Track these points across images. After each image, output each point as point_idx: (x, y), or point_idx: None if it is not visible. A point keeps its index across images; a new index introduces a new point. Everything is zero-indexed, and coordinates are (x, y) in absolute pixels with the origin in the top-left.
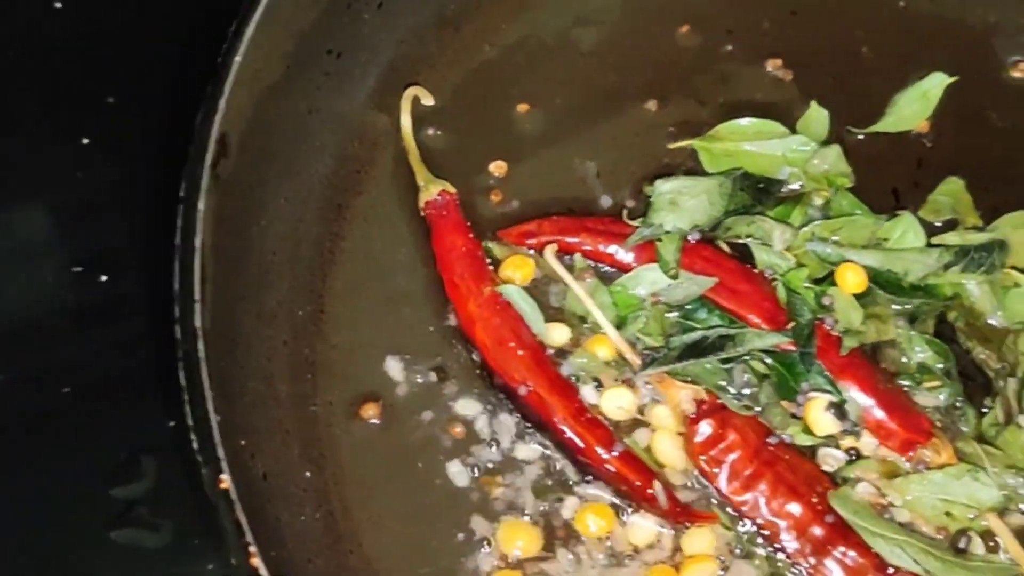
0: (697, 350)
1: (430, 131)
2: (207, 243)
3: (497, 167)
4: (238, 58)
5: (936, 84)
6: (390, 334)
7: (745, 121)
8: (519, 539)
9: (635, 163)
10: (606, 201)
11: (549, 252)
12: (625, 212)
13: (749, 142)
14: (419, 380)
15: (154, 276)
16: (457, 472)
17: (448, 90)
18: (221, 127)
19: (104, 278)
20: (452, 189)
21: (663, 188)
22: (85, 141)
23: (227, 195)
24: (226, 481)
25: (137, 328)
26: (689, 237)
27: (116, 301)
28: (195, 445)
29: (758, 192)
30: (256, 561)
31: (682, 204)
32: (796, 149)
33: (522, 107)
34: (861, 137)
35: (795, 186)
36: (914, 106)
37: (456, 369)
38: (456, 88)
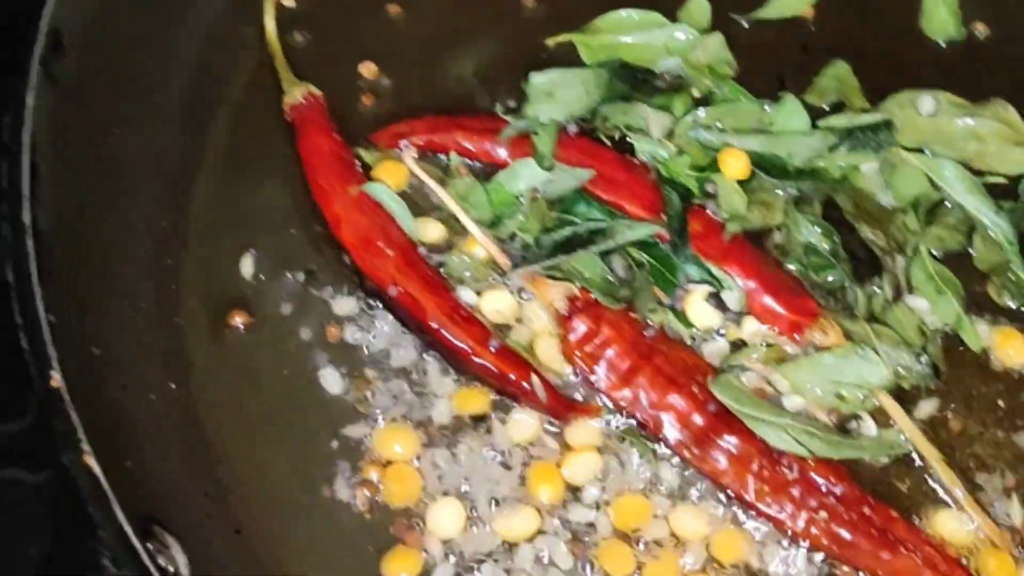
0: (568, 246)
1: (296, 34)
2: (42, 142)
3: (367, 69)
4: None
5: None
6: (258, 243)
7: (624, 12)
8: (396, 442)
9: (513, 61)
10: (484, 101)
11: (407, 155)
12: (499, 107)
13: (629, 34)
14: (288, 287)
15: None
16: (330, 378)
17: None
18: (52, 22)
19: None
20: (317, 91)
21: (538, 80)
22: None
23: (70, 100)
24: (56, 379)
25: None
26: (568, 129)
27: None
28: (24, 344)
29: (636, 82)
30: (89, 460)
31: (558, 96)
32: (677, 38)
33: (393, 8)
34: (746, 25)
35: (676, 77)
36: None
37: (327, 274)
38: None
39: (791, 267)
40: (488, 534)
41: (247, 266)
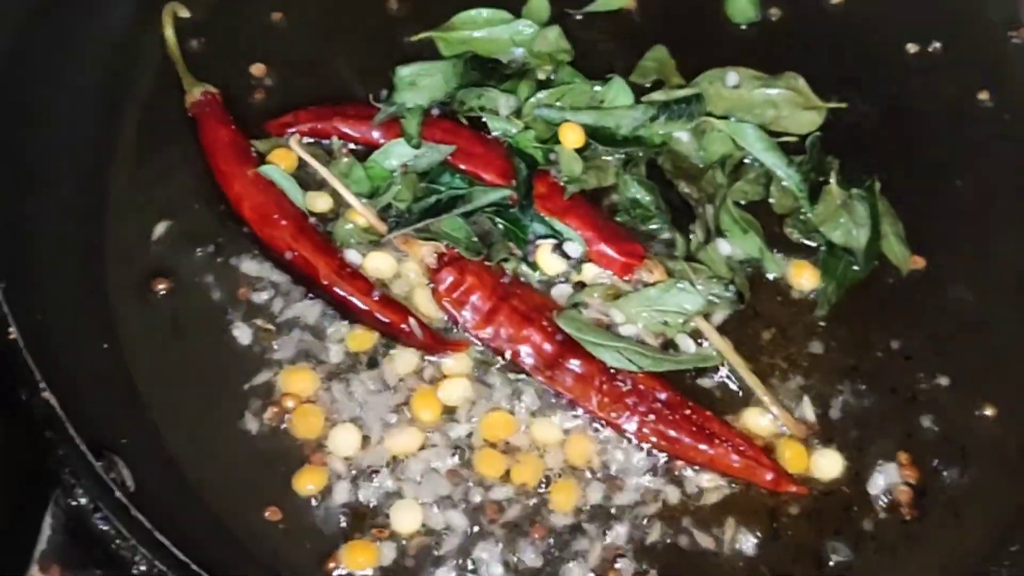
0: (435, 210)
1: (193, 42)
2: None
3: (256, 68)
4: None
5: None
6: (173, 220)
7: (475, 11)
8: (299, 381)
9: (383, 56)
10: (359, 92)
11: (293, 141)
12: (371, 96)
13: (480, 29)
14: (200, 257)
15: None
16: (240, 332)
17: (205, 4)
18: None
19: None
20: (214, 89)
21: (403, 72)
22: None
23: None
24: (14, 333)
25: None
26: (432, 112)
27: None
28: None
29: (487, 71)
30: (47, 394)
31: (420, 84)
32: (521, 31)
33: (276, 15)
34: (579, 17)
35: (519, 64)
36: None
37: (233, 245)
38: (212, 2)
39: (621, 219)
40: (381, 450)
41: (161, 239)
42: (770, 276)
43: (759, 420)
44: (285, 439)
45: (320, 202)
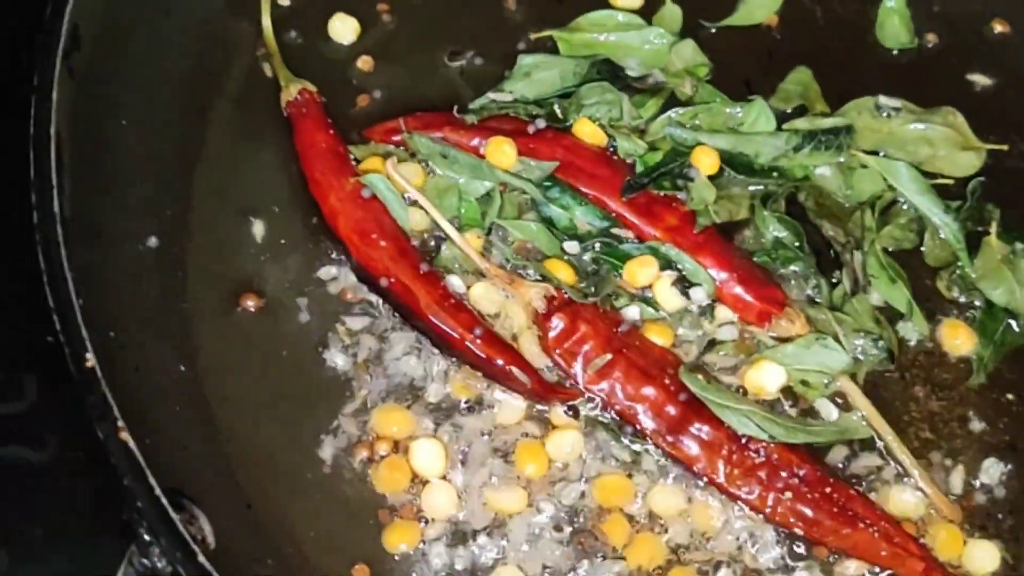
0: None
1: (291, 33)
2: (64, 135)
3: (364, 62)
4: None
5: None
6: (262, 230)
7: (605, 12)
8: (392, 423)
9: (496, 60)
10: (470, 96)
11: (390, 165)
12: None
13: (607, 33)
14: (290, 273)
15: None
16: (334, 359)
17: None
18: (72, 18)
19: None
20: (312, 88)
21: (525, 61)
22: None
23: (82, 89)
24: (91, 360)
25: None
26: (537, 123)
27: None
28: (58, 327)
29: (613, 78)
30: (125, 435)
31: (535, 76)
32: (652, 40)
33: (382, 7)
34: (714, 31)
35: (651, 80)
36: (764, 0)
37: (326, 261)
38: None
39: (759, 260)
40: (481, 509)
41: (249, 251)
42: (914, 335)
43: (908, 499)
44: (376, 485)
45: (422, 219)
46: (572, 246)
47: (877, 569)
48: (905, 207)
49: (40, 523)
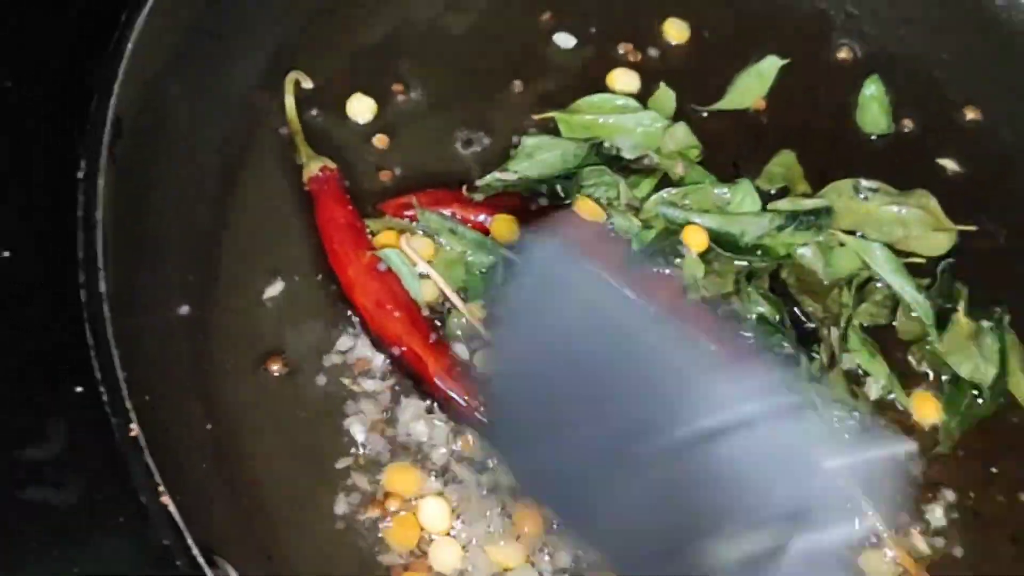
0: None
1: (313, 111)
2: (107, 217)
3: (379, 139)
4: (130, 45)
5: (770, 65)
6: (282, 298)
7: (603, 96)
8: (402, 482)
9: (503, 138)
10: (477, 173)
11: (404, 241)
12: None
13: (605, 115)
14: (310, 339)
15: (59, 250)
16: (350, 420)
17: (327, 72)
18: (116, 111)
19: (6, 254)
20: (332, 165)
21: (528, 142)
22: None
23: (122, 172)
24: (135, 430)
25: (44, 299)
26: (540, 201)
27: (22, 272)
28: (105, 399)
29: (610, 160)
30: (166, 499)
31: (537, 156)
32: (648, 124)
33: (397, 87)
34: (705, 115)
35: (646, 161)
36: (751, 85)
37: (346, 327)
38: (335, 71)
39: (744, 334)
40: (485, 563)
41: (271, 315)
42: (898, 406)
43: (879, 563)
44: (387, 541)
45: (428, 291)
46: None
47: None
48: (880, 285)
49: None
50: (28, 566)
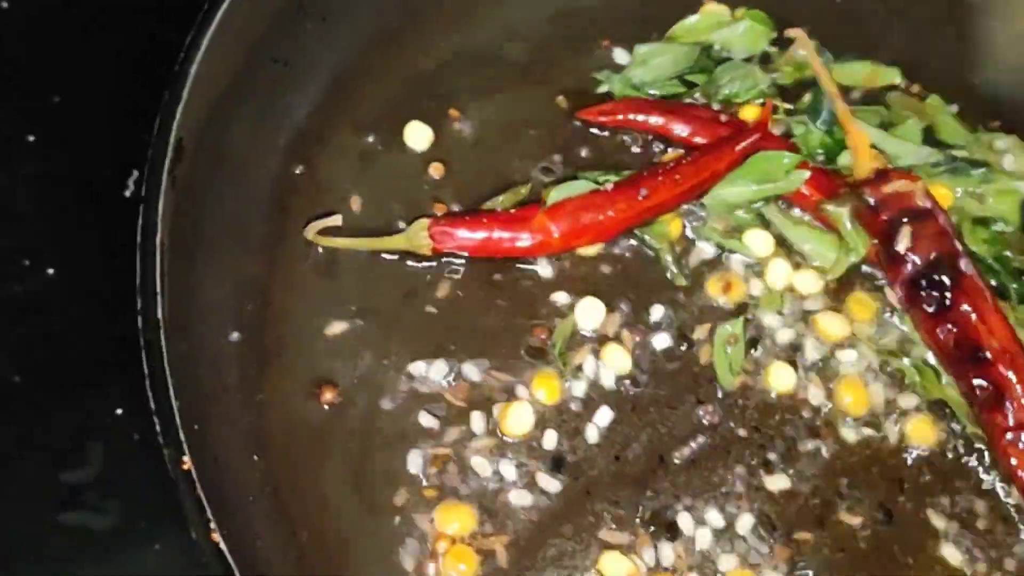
0: None
1: (369, 138)
2: (165, 241)
3: (435, 168)
4: (194, 67)
5: None
6: (334, 326)
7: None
8: (455, 519)
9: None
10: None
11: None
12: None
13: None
14: (360, 367)
15: (102, 270)
16: (412, 457)
17: (385, 98)
18: (178, 133)
19: (51, 271)
20: None
21: (640, 50)
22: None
23: (182, 195)
24: (188, 462)
25: (85, 320)
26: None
27: (64, 293)
28: (158, 428)
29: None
30: (216, 536)
31: (651, 63)
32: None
33: (454, 113)
34: None
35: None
36: None
37: (406, 355)
38: (393, 96)
39: None
40: None
41: (325, 344)
42: None
43: None
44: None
45: None
46: None
47: None
48: None
49: None
50: None
